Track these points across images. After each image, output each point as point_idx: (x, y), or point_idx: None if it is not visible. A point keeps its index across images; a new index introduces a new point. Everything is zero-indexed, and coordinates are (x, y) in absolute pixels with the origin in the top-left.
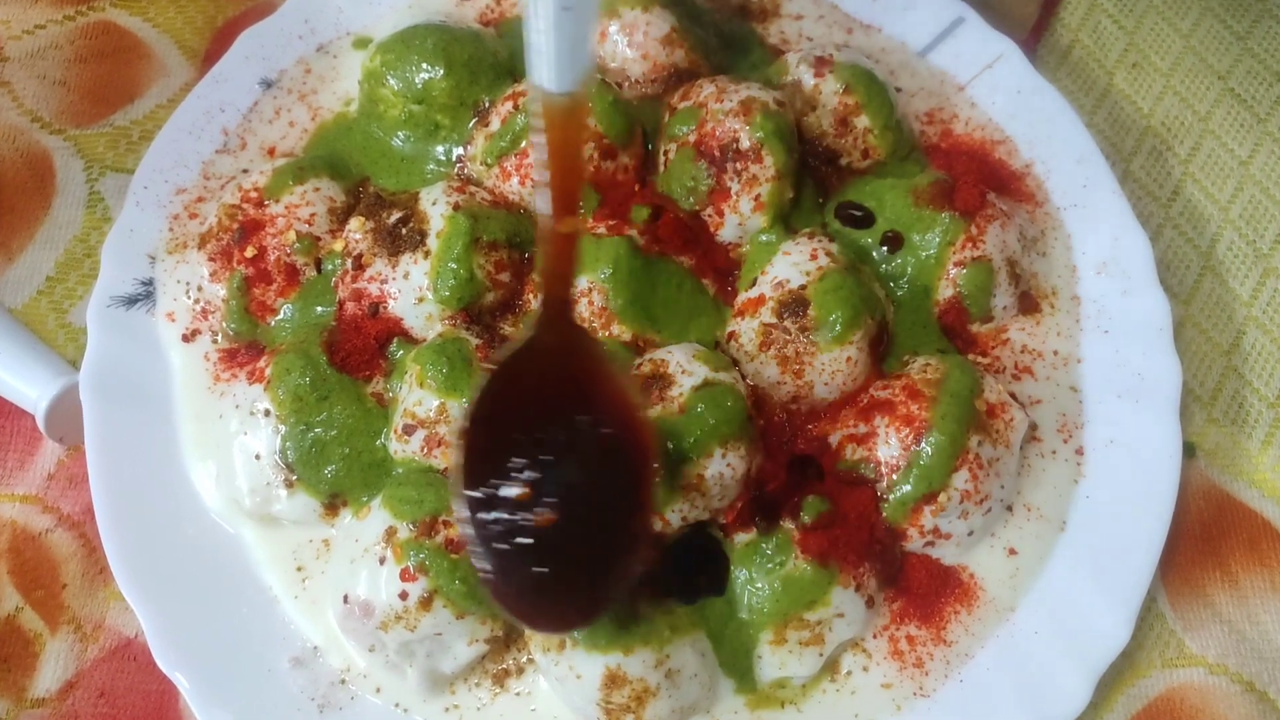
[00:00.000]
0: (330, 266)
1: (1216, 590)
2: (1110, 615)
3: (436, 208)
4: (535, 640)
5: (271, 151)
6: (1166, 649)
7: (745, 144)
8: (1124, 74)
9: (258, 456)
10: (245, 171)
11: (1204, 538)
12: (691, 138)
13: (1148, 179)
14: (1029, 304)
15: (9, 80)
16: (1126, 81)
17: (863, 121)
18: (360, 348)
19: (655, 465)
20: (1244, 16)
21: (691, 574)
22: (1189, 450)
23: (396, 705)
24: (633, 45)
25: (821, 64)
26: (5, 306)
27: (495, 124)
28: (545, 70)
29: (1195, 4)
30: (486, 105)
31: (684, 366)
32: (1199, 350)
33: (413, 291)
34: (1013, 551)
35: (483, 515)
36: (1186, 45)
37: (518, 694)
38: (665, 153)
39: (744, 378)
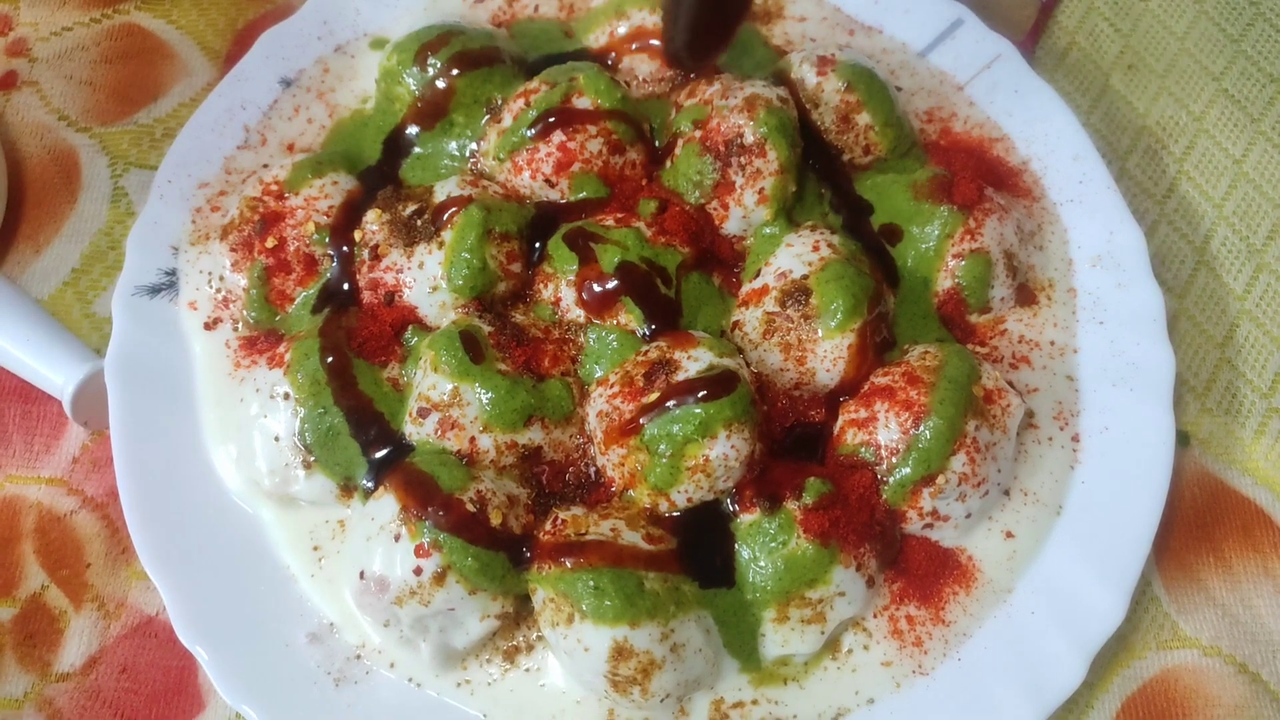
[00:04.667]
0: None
1: (1210, 575)
2: (1105, 596)
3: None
4: (544, 616)
5: (291, 147)
6: (1161, 631)
7: (749, 139)
8: (1120, 75)
9: (277, 438)
10: (265, 166)
11: (1198, 524)
12: (697, 133)
13: (1143, 177)
14: (1026, 295)
15: (37, 80)
16: (1122, 82)
17: (864, 119)
18: (376, 334)
19: None
20: (1238, 20)
21: (709, 555)
22: (1184, 439)
23: (410, 680)
24: (641, 44)
25: (824, 63)
26: (33, 297)
27: (507, 120)
28: None
29: (1190, 7)
30: (499, 103)
31: (690, 352)
32: (1193, 342)
33: (427, 281)
34: (1010, 535)
35: None
36: (1181, 47)
37: (527, 670)
38: (672, 148)
39: (748, 365)
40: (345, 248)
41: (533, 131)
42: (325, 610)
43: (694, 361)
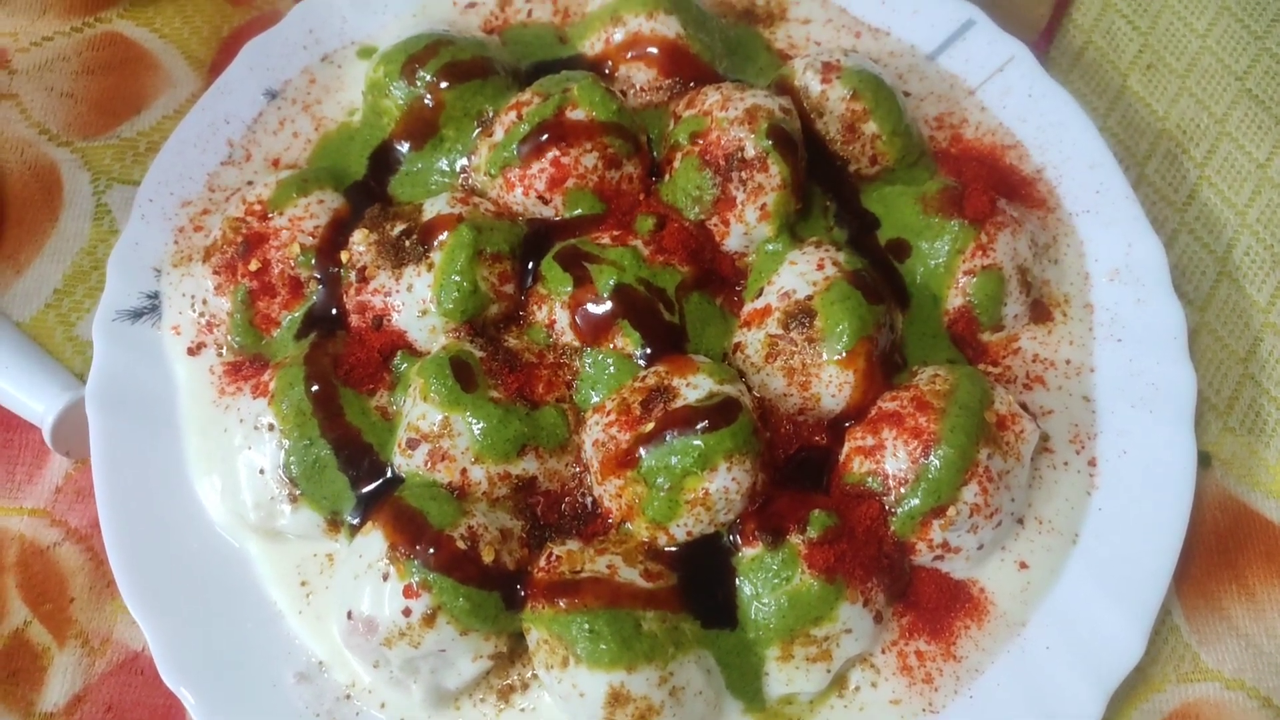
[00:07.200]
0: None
1: (1233, 603)
2: (1124, 629)
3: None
4: (538, 657)
5: (276, 162)
6: (1181, 663)
7: (750, 153)
8: (1138, 75)
9: (262, 471)
10: (250, 183)
11: (1220, 550)
12: (696, 146)
13: (1163, 183)
14: (1040, 312)
15: (17, 93)
16: (1141, 83)
17: (870, 128)
18: (364, 361)
19: None
20: (1262, 15)
21: (709, 592)
22: (1204, 460)
23: None
24: (637, 52)
25: (828, 70)
26: (13, 320)
27: (499, 134)
28: None
29: (1212, 3)
30: (490, 115)
31: (689, 378)
32: (1215, 358)
33: (416, 304)
34: (1024, 565)
35: None
36: (1203, 45)
37: (522, 710)
38: (670, 161)
39: (750, 390)
40: (332, 269)
41: (525, 147)
42: (314, 648)
43: (693, 389)
